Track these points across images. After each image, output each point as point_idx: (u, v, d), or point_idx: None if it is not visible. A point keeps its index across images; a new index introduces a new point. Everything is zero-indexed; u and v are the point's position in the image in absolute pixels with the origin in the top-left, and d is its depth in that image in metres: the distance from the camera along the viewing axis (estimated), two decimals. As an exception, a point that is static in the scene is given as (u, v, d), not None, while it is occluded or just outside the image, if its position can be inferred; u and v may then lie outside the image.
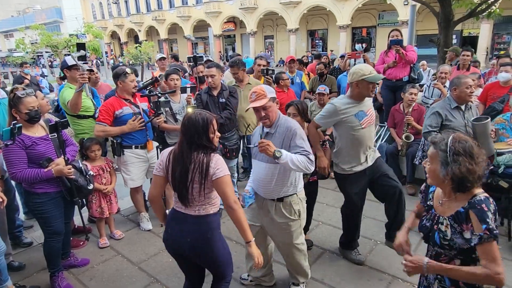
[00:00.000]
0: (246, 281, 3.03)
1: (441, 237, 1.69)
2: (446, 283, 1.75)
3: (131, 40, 42.12)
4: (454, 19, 7.03)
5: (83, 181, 2.96)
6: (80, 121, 3.84)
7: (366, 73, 2.78)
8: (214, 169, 2.01)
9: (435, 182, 1.73)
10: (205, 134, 2.05)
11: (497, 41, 21.68)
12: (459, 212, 1.64)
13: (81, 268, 3.30)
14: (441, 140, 1.64)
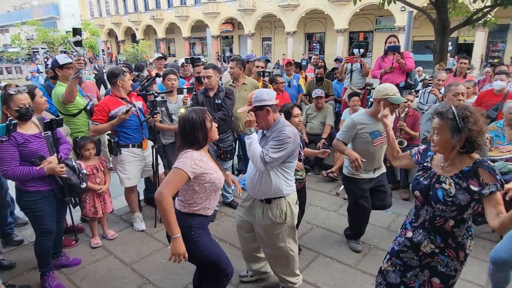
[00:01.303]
0: (246, 277, 3.06)
1: (445, 194, 1.85)
2: (437, 240, 1.96)
3: (128, 39, 41.97)
4: (451, 26, 7.08)
5: (76, 180, 2.93)
6: (74, 119, 3.79)
7: (390, 93, 2.92)
8: (176, 161, 2.10)
9: (443, 150, 1.88)
10: (203, 126, 2.13)
11: (491, 49, 21.93)
12: (464, 170, 1.84)
13: (72, 268, 3.26)
14: (446, 110, 1.81)
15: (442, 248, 1.95)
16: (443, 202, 1.86)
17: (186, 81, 5.72)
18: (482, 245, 3.52)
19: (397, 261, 2.13)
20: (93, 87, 4.66)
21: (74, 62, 3.48)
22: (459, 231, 1.93)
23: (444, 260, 1.96)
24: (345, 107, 5.84)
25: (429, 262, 2.01)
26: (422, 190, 1.96)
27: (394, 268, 2.15)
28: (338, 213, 4.30)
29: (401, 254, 2.11)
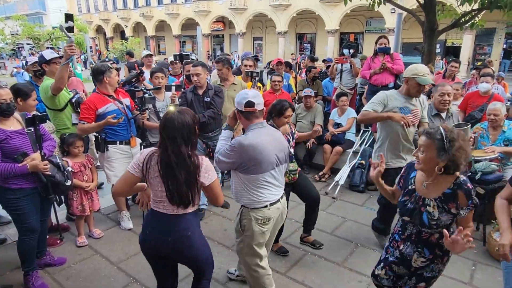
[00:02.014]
0: (232, 275, 3.05)
1: (429, 217, 1.94)
2: (425, 253, 2.02)
3: (117, 36, 41.42)
4: (439, 28, 7.18)
5: (60, 177, 2.88)
6: (61, 114, 3.71)
7: (419, 73, 2.96)
8: (204, 173, 2.04)
9: (427, 167, 1.92)
10: (194, 130, 2.07)
11: (478, 52, 22.36)
12: (446, 193, 1.92)
13: (57, 267, 3.21)
14: (435, 131, 1.88)
15: (431, 259, 2.04)
16: (428, 226, 1.96)
17: (176, 79, 5.69)
18: (466, 243, 3.57)
19: (390, 272, 2.21)
20: (79, 84, 4.58)
21: (66, 47, 3.38)
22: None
23: (432, 268, 2.07)
24: (334, 106, 5.88)
25: (418, 271, 2.11)
26: (410, 215, 2.03)
27: (388, 277, 2.22)
28: (327, 212, 4.32)
29: (393, 266, 2.18)
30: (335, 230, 3.90)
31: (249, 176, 2.31)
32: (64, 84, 3.53)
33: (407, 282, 2.17)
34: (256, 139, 2.27)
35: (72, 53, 3.39)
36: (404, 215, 2.05)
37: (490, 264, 3.24)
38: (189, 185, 2.01)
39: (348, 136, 5.50)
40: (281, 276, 3.12)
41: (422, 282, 2.12)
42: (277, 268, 3.20)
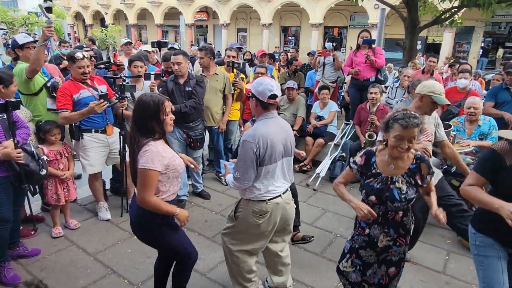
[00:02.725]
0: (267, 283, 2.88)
1: (399, 192, 2.08)
2: (390, 233, 2.17)
3: (96, 23, 40.17)
4: (420, 25, 7.31)
5: (34, 166, 2.78)
6: (36, 99, 3.54)
7: (436, 91, 2.68)
8: (141, 158, 1.99)
9: (402, 154, 2.06)
10: (155, 116, 2.03)
11: (457, 49, 22.90)
12: (411, 168, 2.11)
13: (31, 259, 3.11)
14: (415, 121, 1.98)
15: (395, 239, 2.18)
16: (399, 200, 2.08)
17: (156, 67, 5.58)
18: (440, 234, 3.68)
19: (357, 261, 2.28)
20: (55, 70, 4.41)
21: (44, 28, 3.23)
22: (407, 219, 2.19)
23: (396, 250, 2.21)
24: (316, 99, 5.91)
25: (385, 257, 2.23)
26: (376, 194, 2.12)
27: (354, 268, 2.29)
28: (307, 204, 4.36)
29: (360, 251, 2.26)
30: (315, 221, 3.95)
31: (259, 168, 2.26)
32: (40, 66, 3.38)
33: (376, 271, 2.25)
34: (266, 129, 2.25)
35: (51, 34, 3.25)
36: (371, 194, 2.13)
37: (463, 254, 3.35)
38: (132, 165, 2.07)
39: (329, 129, 5.55)
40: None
41: (392, 267, 2.23)
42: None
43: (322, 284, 2.92)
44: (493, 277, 1.97)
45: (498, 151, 1.93)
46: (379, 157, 2.18)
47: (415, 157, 2.13)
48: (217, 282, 2.91)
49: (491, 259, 1.98)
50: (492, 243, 1.99)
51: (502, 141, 1.97)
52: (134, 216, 2.22)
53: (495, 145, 1.99)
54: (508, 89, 4.62)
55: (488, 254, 1.99)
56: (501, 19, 20.86)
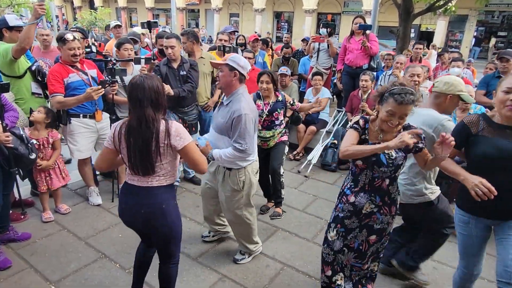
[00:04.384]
0: (208, 237, 3.24)
1: (387, 157, 2.09)
2: (376, 200, 2.19)
3: (85, 5, 39.09)
4: (414, 12, 7.28)
5: (24, 150, 2.74)
6: (19, 83, 3.42)
7: (464, 90, 2.45)
8: (175, 137, 1.96)
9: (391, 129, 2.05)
10: (163, 93, 2.00)
11: (450, 38, 22.95)
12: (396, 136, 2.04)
13: (21, 243, 3.10)
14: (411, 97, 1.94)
15: (379, 206, 2.20)
16: (386, 165, 2.09)
17: (148, 51, 5.48)
18: (429, 220, 3.75)
19: (341, 229, 2.30)
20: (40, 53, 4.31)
21: (36, 6, 3.11)
22: (393, 188, 2.20)
23: (379, 218, 2.22)
24: (310, 86, 5.89)
25: (367, 222, 2.24)
26: (363, 158, 2.11)
27: (338, 236, 2.32)
28: (299, 190, 4.40)
29: (345, 221, 2.28)
30: (306, 208, 3.98)
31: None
32: (29, 45, 3.28)
33: (357, 235, 2.28)
34: (251, 101, 2.62)
35: (43, 12, 3.13)
36: (358, 159, 2.13)
37: (450, 240, 3.40)
38: (151, 150, 1.92)
39: (322, 116, 5.55)
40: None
41: (373, 234, 2.26)
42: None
43: (313, 268, 2.97)
44: (464, 252, 2.24)
45: (465, 123, 2.12)
46: (371, 127, 2.17)
47: (403, 127, 2.10)
48: (209, 267, 2.93)
49: (464, 237, 2.21)
50: (467, 221, 2.16)
51: (471, 115, 2.16)
52: (155, 203, 2.03)
53: (464, 118, 2.16)
54: (500, 77, 4.65)
55: (463, 232, 2.20)
56: (494, 7, 20.92)
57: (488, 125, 2.05)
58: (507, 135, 1.98)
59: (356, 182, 2.23)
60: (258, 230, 3.46)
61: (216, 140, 2.65)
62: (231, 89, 2.56)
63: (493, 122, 2.05)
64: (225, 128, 2.55)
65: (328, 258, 2.42)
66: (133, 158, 1.95)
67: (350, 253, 2.35)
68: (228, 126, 2.53)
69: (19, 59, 3.31)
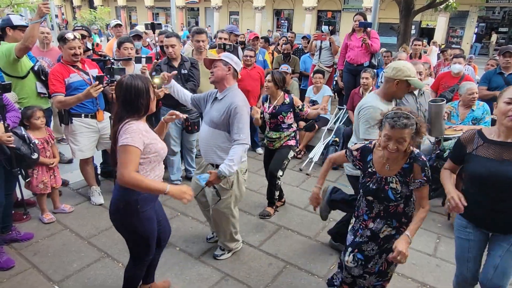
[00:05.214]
0: (213, 238, 3.23)
1: (394, 193, 2.07)
2: (393, 223, 2.18)
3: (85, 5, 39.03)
4: (415, 8, 7.26)
5: (26, 150, 2.74)
6: (22, 83, 3.45)
7: (412, 74, 2.49)
8: (121, 136, 1.94)
9: (398, 154, 2.02)
10: (147, 95, 1.99)
11: (451, 34, 22.86)
12: (404, 168, 2.06)
13: (24, 243, 3.10)
14: (409, 121, 1.92)
15: (397, 228, 2.18)
16: (394, 200, 2.10)
17: (149, 50, 5.47)
18: (431, 218, 3.75)
19: (359, 256, 2.24)
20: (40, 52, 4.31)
21: (41, 5, 3.13)
22: (409, 208, 2.18)
23: (397, 236, 2.14)
24: (311, 84, 5.87)
25: (386, 246, 2.20)
26: (373, 194, 2.14)
27: (356, 264, 2.26)
28: (300, 188, 4.39)
29: (363, 246, 2.24)
30: (308, 206, 3.97)
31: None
32: (33, 44, 3.29)
33: (377, 262, 2.25)
34: (245, 100, 2.66)
35: (47, 11, 3.16)
36: (368, 195, 2.16)
37: (453, 237, 3.38)
38: (115, 148, 1.98)
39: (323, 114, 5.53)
40: (255, 249, 3.17)
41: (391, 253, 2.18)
42: (250, 242, 3.25)
43: (315, 266, 2.96)
44: (459, 256, 2.25)
45: (461, 140, 2.13)
46: (376, 154, 2.13)
47: (409, 156, 2.05)
48: (212, 265, 2.93)
49: (460, 240, 2.22)
50: (465, 225, 2.17)
51: (468, 131, 2.15)
52: (114, 199, 2.09)
53: (461, 135, 2.16)
54: (501, 73, 4.64)
55: (460, 236, 2.22)
56: (495, 3, 20.84)
57: (483, 143, 2.03)
58: (502, 152, 1.96)
59: (371, 209, 2.22)
60: (261, 228, 3.48)
61: (211, 136, 2.64)
62: (225, 84, 2.62)
63: (488, 140, 2.02)
64: (221, 122, 2.57)
65: (347, 280, 2.41)
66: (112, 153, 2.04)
67: (371, 277, 2.30)
68: (225, 120, 2.55)
69: (22, 59, 3.32)
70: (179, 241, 3.20)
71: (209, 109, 2.71)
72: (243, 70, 5.11)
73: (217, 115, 2.58)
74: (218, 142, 2.62)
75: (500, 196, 1.96)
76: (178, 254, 3.05)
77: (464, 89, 3.97)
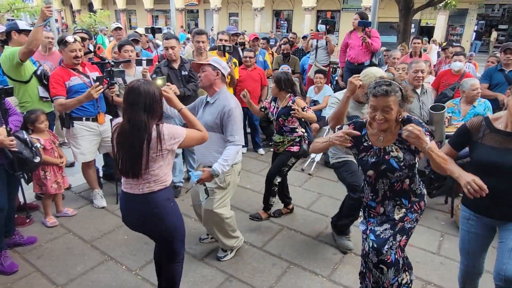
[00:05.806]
0: (206, 239, 3.23)
1: (397, 161, 1.99)
2: (405, 203, 2.10)
3: (84, 8, 39.15)
4: (414, 7, 7.26)
5: (28, 154, 2.74)
6: (26, 87, 3.47)
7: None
8: (170, 140, 1.99)
9: (392, 123, 1.97)
10: (161, 101, 2.01)
11: (451, 32, 22.84)
12: (400, 134, 1.96)
13: (27, 247, 3.10)
14: (392, 87, 1.88)
15: (409, 208, 2.11)
16: (399, 169, 2.00)
17: (150, 53, 5.48)
18: (435, 216, 3.74)
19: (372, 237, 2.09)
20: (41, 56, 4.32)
21: (44, 8, 3.15)
22: (415, 185, 2.12)
23: (412, 217, 2.12)
24: (310, 84, 5.87)
25: (401, 227, 2.09)
26: (374, 168, 2.05)
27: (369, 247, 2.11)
28: (303, 188, 4.39)
29: (375, 229, 2.12)
30: (310, 206, 3.97)
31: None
32: (37, 48, 3.32)
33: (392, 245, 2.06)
34: (237, 102, 2.69)
35: (50, 14, 3.19)
36: (369, 169, 2.07)
37: (457, 235, 3.39)
38: (139, 155, 1.91)
39: (324, 113, 5.52)
40: (258, 250, 3.16)
41: (404, 235, 2.09)
42: (254, 243, 3.24)
43: (319, 266, 2.96)
44: (461, 248, 2.26)
45: (468, 127, 2.08)
46: (370, 130, 2.09)
47: (402, 121, 2.00)
48: (215, 267, 2.93)
49: (463, 232, 2.22)
50: (468, 217, 2.15)
51: (475, 118, 2.11)
52: (145, 209, 2.05)
53: (468, 121, 2.11)
54: (502, 70, 4.63)
55: (463, 227, 2.20)
56: (494, 1, 20.82)
57: (489, 131, 1.99)
58: (508, 142, 1.93)
59: (376, 192, 2.14)
60: (264, 229, 3.48)
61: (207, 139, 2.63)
62: (214, 88, 2.67)
63: (495, 129, 1.98)
64: (215, 124, 2.62)
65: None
66: (123, 162, 1.96)
67: (390, 270, 2.08)
68: (218, 122, 2.61)
69: (25, 63, 3.34)
70: (182, 242, 3.20)
71: (201, 114, 2.75)
72: (244, 71, 5.13)
73: (211, 119, 2.63)
74: (214, 144, 2.67)
75: (505, 184, 1.93)
76: (182, 256, 3.05)
77: (468, 85, 3.96)
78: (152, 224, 2.10)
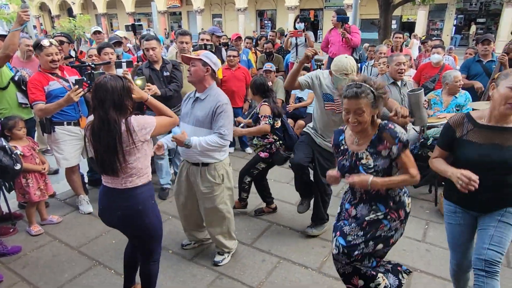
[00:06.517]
0: (189, 245, 3.14)
1: (365, 168, 1.97)
2: (380, 209, 2.05)
3: (63, 14, 38.42)
4: (394, 3, 7.37)
5: (8, 161, 2.69)
6: (4, 94, 3.40)
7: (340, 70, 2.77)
8: (141, 131, 1.97)
9: (362, 127, 1.94)
10: (129, 94, 1.98)
11: (431, 27, 23.31)
12: (372, 139, 1.97)
13: (12, 256, 3.03)
14: (363, 89, 1.87)
15: (386, 213, 2.04)
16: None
17: (131, 55, 5.43)
18: (419, 205, 3.81)
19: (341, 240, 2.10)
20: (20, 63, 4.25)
21: (20, 12, 3.09)
22: (393, 191, 2.05)
23: (387, 225, 2.04)
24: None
25: (374, 233, 2.04)
26: (349, 172, 2.04)
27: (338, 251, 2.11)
28: (291, 185, 4.39)
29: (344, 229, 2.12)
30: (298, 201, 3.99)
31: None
32: (14, 52, 3.25)
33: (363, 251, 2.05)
34: (227, 99, 2.66)
35: (27, 18, 3.13)
36: (344, 173, 2.07)
37: (441, 223, 3.48)
38: (114, 151, 1.89)
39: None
40: (247, 247, 3.17)
41: (380, 243, 2.06)
42: (243, 240, 3.25)
43: (308, 260, 2.98)
44: (452, 242, 2.24)
45: (450, 124, 2.06)
46: (347, 133, 2.10)
47: (378, 127, 1.97)
48: (205, 266, 2.92)
49: (451, 226, 2.20)
50: (454, 210, 2.16)
51: (457, 115, 2.10)
52: (126, 205, 2.05)
53: (449, 119, 2.10)
54: (480, 61, 4.75)
55: (450, 221, 2.19)
56: (472, -5, 21.28)
57: (473, 127, 1.97)
58: (493, 137, 1.92)
59: (354, 194, 2.14)
60: (252, 226, 3.49)
61: (194, 134, 2.61)
62: (204, 84, 2.63)
63: (478, 124, 1.96)
64: (206, 120, 2.59)
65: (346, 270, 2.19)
66: (100, 160, 1.94)
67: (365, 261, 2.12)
68: (210, 118, 2.57)
69: (2, 69, 3.26)
70: (172, 244, 3.18)
71: (190, 109, 2.69)
72: (228, 71, 5.13)
73: (203, 114, 2.58)
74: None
75: (491, 178, 1.91)
76: (171, 257, 3.03)
77: (451, 77, 4.04)
78: (134, 222, 2.08)
